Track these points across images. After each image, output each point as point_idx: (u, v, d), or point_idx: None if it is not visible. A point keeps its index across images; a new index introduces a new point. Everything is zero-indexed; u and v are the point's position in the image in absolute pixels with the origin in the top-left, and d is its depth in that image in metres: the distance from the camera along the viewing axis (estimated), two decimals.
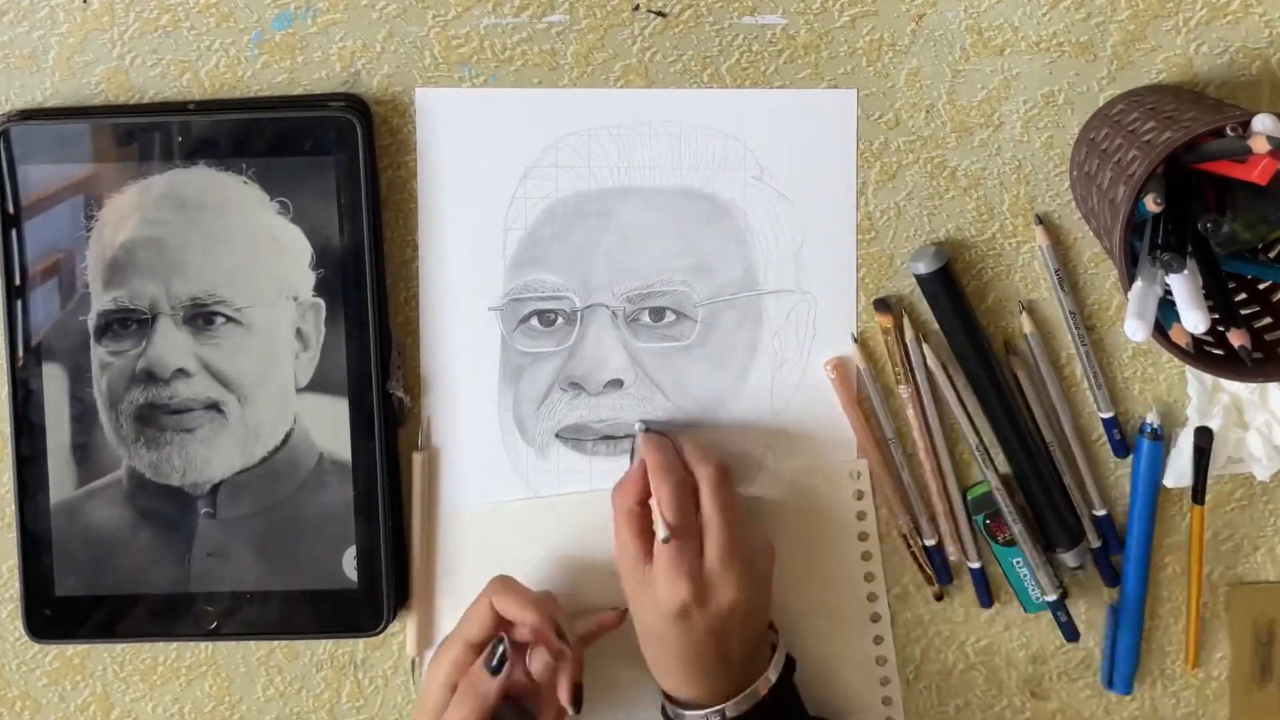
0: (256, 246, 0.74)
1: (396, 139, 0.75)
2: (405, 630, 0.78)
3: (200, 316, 0.75)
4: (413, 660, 0.79)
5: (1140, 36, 0.74)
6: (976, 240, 0.76)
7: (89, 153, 0.74)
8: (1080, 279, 0.76)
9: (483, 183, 0.76)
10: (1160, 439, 0.76)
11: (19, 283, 0.74)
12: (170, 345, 0.75)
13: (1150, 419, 0.76)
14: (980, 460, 0.76)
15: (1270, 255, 0.71)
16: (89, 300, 0.74)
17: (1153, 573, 0.78)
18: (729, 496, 0.71)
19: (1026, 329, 0.76)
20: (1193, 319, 0.62)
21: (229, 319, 0.75)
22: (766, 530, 0.75)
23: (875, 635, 0.78)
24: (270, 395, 0.75)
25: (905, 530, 0.77)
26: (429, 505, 0.77)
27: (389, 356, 0.76)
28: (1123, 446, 0.77)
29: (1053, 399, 0.76)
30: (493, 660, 0.71)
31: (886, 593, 0.78)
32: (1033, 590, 0.77)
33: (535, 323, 0.77)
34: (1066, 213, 0.76)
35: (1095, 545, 0.78)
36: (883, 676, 0.78)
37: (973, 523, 0.77)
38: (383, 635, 0.78)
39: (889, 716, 0.79)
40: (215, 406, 0.75)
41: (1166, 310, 0.64)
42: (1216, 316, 0.66)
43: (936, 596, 0.78)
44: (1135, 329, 0.62)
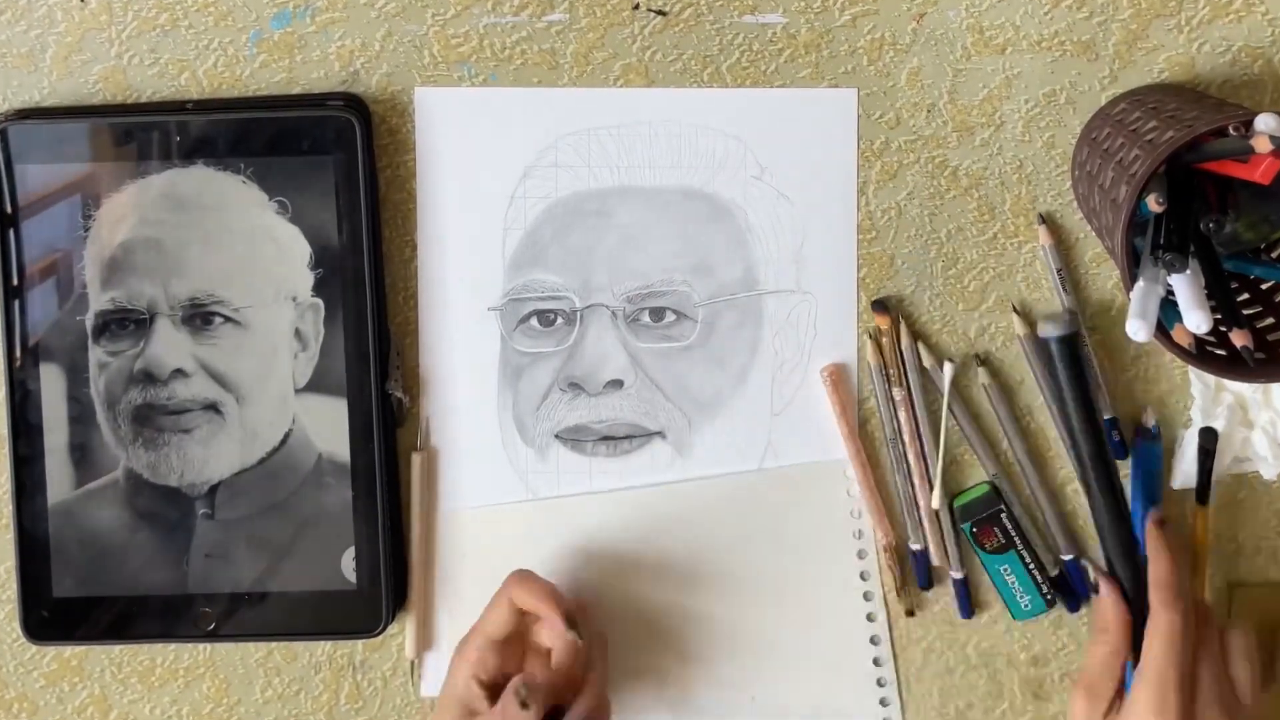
0: (255, 246, 0.74)
1: (395, 138, 0.75)
2: (404, 632, 0.78)
3: (198, 317, 0.74)
4: (412, 662, 0.78)
5: (1142, 35, 0.74)
6: (978, 240, 0.76)
7: (87, 152, 0.73)
8: (1082, 279, 0.76)
9: (482, 182, 0.76)
10: (1158, 440, 0.76)
11: (16, 283, 0.74)
12: (168, 345, 0.74)
13: (1148, 420, 0.76)
14: (988, 463, 0.76)
15: (1273, 255, 0.71)
16: (87, 300, 0.74)
17: None
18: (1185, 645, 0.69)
19: (1019, 330, 0.75)
20: (1195, 319, 0.62)
21: (227, 319, 0.74)
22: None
23: (871, 635, 0.78)
24: (269, 396, 0.75)
25: (885, 541, 0.77)
26: (428, 506, 0.77)
27: (388, 357, 0.76)
28: (1123, 448, 0.77)
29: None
30: (521, 694, 0.68)
31: (882, 593, 0.78)
32: (1021, 598, 0.77)
33: (535, 323, 0.76)
34: (1068, 212, 0.75)
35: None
36: (879, 677, 0.78)
37: (958, 530, 0.77)
38: (382, 637, 0.77)
39: (886, 717, 0.78)
40: (213, 407, 0.75)
41: (1169, 310, 0.64)
42: (1219, 317, 0.66)
43: (908, 612, 0.78)
44: (1137, 329, 0.62)
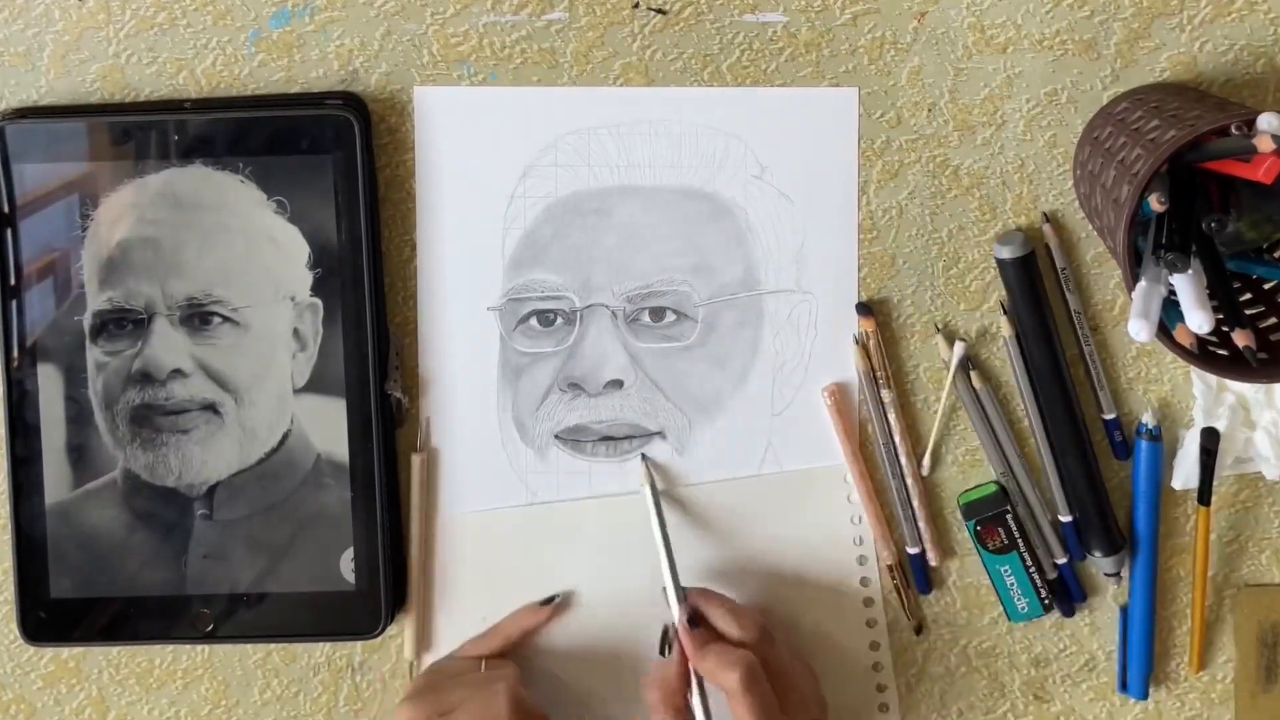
0: (253, 246, 0.74)
1: (394, 138, 0.75)
2: (403, 633, 0.78)
3: (197, 316, 0.74)
4: (411, 663, 0.78)
5: (1144, 34, 0.74)
6: (979, 240, 0.75)
7: (84, 151, 0.73)
8: (1083, 279, 0.76)
9: (481, 182, 0.75)
10: (1158, 440, 0.75)
11: (14, 282, 0.74)
12: (166, 345, 0.74)
13: (1147, 420, 0.75)
14: (995, 462, 0.76)
15: (1275, 255, 0.70)
16: (84, 300, 0.74)
17: (1158, 575, 0.77)
18: (759, 695, 0.68)
19: (1006, 331, 0.75)
20: (1197, 319, 0.62)
21: (226, 319, 0.74)
22: (810, 671, 0.73)
23: (871, 641, 0.78)
24: (267, 396, 0.75)
25: (891, 560, 0.77)
26: (427, 507, 0.77)
27: (387, 357, 0.76)
28: (1124, 448, 0.76)
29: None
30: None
31: (883, 598, 0.77)
32: (1018, 601, 0.77)
33: (534, 323, 0.76)
34: (1070, 212, 0.75)
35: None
36: (879, 683, 0.78)
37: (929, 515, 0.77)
38: (381, 638, 0.77)
39: None
40: (212, 407, 0.75)
41: (1170, 310, 0.64)
42: (1221, 317, 0.65)
43: (916, 630, 0.78)
44: (1139, 329, 0.62)
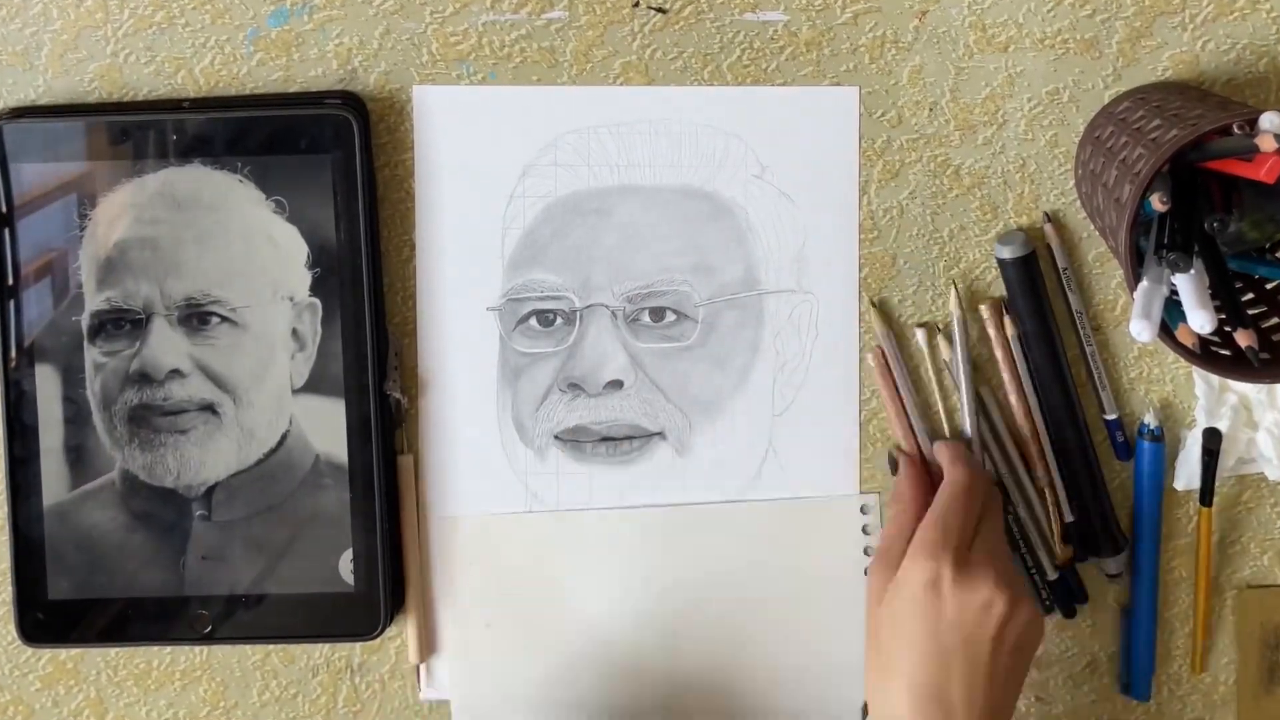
0: (252, 246, 0.74)
1: (394, 137, 0.75)
2: (402, 634, 0.77)
3: (195, 317, 0.74)
4: (417, 668, 0.78)
5: (1146, 33, 0.73)
6: (980, 240, 0.75)
7: (82, 151, 0.73)
8: (1085, 278, 0.75)
9: (481, 181, 0.75)
10: (1160, 440, 0.75)
11: (11, 282, 0.74)
12: (165, 346, 0.74)
13: (1148, 420, 0.75)
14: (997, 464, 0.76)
15: (1277, 254, 0.70)
16: (82, 300, 0.74)
17: (1160, 576, 0.77)
18: (979, 485, 0.72)
19: (1009, 330, 0.75)
20: (1199, 319, 0.62)
21: (224, 319, 0.74)
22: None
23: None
24: (266, 396, 0.74)
25: None
26: (419, 508, 0.77)
27: (386, 357, 0.75)
28: (1126, 449, 0.76)
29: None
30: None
31: None
32: None
33: (534, 323, 0.76)
34: (1071, 211, 0.75)
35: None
36: None
37: None
38: (380, 639, 0.77)
39: None
40: (210, 408, 0.74)
41: (1172, 310, 0.64)
42: (1223, 317, 0.65)
43: None
44: (1141, 329, 0.62)
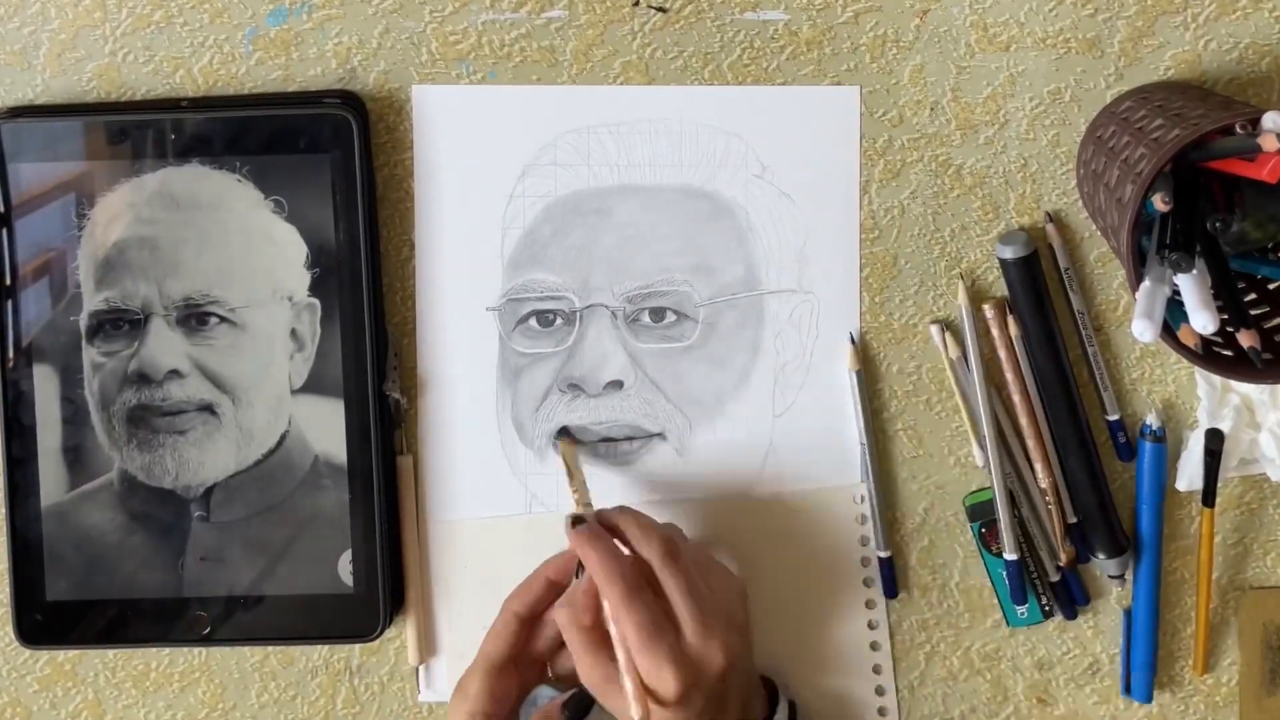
0: (251, 246, 0.73)
1: (393, 136, 0.75)
2: (401, 636, 0.77)
3: (193, 317, 0.74)
4: (416, 669, 0.78)
5: (1148, 32, 0.73)
6: (982, 240, 0.75)
7: (80, 150, 0.73)
8: (1087, 278, 0.75)
9: (480, 181, 0.75)
10: (1162, 441, 0.75)
11: (9, 282, 0.74)
12: (163, 346, 0.74)
13: (1150, 420, 0.75)
14: (995, 465, 0.76)
15: None
16: (80, 300, 0.74)
17: (1162, 577, 0.77)
18: (683, 568, 0.68)
19: (1013, 331, 0.75)
20: (1201, 319, 0.62)
21: (223, 319, 0.74)
22: (730, 571, 0.73)
23: (875, 665, 0.78)
24: (265, 397, 0.74)
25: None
26: (420, 509, 0.76)
27: (385, 357, 0.75)
28: (1128, 449, 0.76)
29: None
30: (572, 710, 0.69)
31: (885, 601, 0.77)
32: (1018, 606, 0.76)
33: (534, 323, 0.76)
34: (1073, 211, 0.75)
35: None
36: (878, 685, 0.78)
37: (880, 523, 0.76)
38: (379, 641, 0.77)
39: None
40: (209, 408, 0.74)
41: (1175, 310, 0.64)
42: (1226, 317, 0.65)
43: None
44: (1143, 330, 0.62)
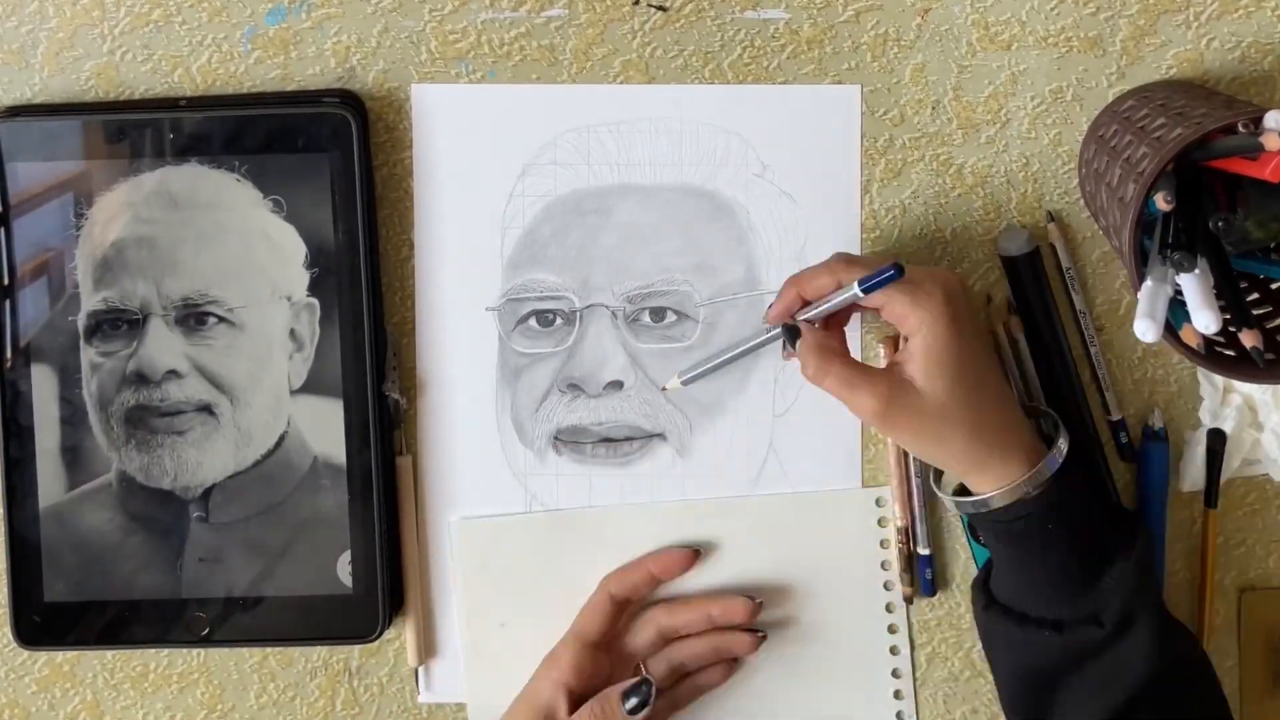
0: (249, 245, 0.73)
1: (392, 136, 0.74)
2: (401, 637, 0.77)
3: (192, 317, 0.74)
4: (415, 670, 0.77)
5: (1150, 31, 0.73)
6: (983, 239, 0.75)
7: (79, 150, 0.73)
8: (1089, 278, 0.75)
9: (480, 180, 0.75)
10: (1164, 441, 0.75)
11: (7, 282, 0.73)
12: (161, 346, 0.73)
13: (1153, 421, 0.75)
14: None
15: None
16: (78, 300, 0.73)
17: (1164, 578, 0.77)
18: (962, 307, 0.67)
19: (1014, 329, 0.75)
20: (1204, 319, 0.61)
21: (221, 319, 0.74)
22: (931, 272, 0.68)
23: (895, 689, 0.77)
24: (263, 397, 0.74)
25: (902, 517, 0.76)
26: (419, 510, 0.76)
27: (384, 358, 0.75)
28: (1131, 449, 0.76)
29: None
30: (634, 699, 0.70)
31: (905, 610, 0.77)
32: None
33: (533, 323, 0.75)
34: (1075, 211, 0.74)
35: None
36: (897, 689, 0.78)
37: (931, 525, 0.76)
38: (378, 642, 0.76)
39: None
40: (207, 409, 0.74)
41: (1177, 310, 0.64)
42: (1228, 317, 0.65)
43: (907, 599, 0.77)
44: (1145, 329, 0.62)
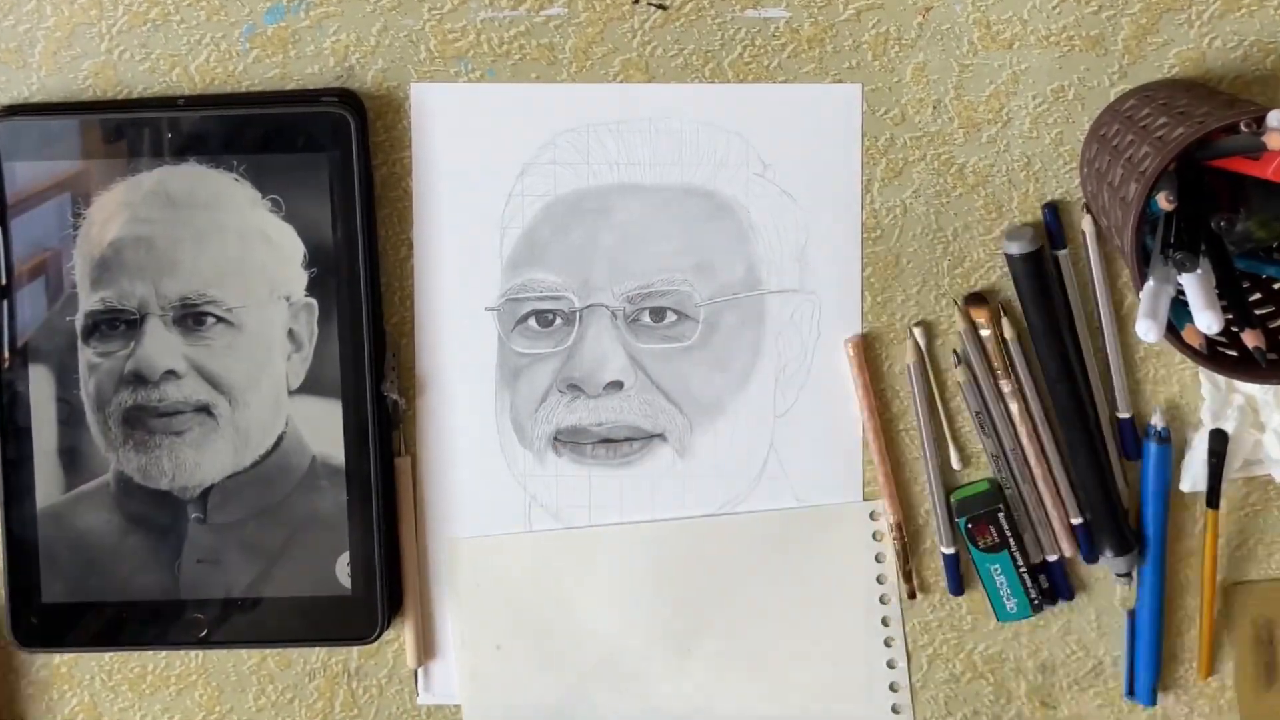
0: (248, 245, 0.73)
1: (391, 135, 0.74)
2: (400, 638, 0.77)
3: (190, 317, 0.73)
4: (414, 672, 0.77)
5: (1152, 30, 0.73)
6: (984, 239, 0.75)
7: (76, 149, 0.72)
8: (1090, 278, 0.75)
9: (479, 180, 0.74)
10: (1167, 441, 0.75)
11: (5, 282, 0.73)
12: (159, 346, 0.73)
13: (1155, 421, 0.75)
14: (998, 458, 0.75)
15: None
16: (76, 300, 0.73)
17: (1166, 579, 0.76)
18: None
19: (1007, 333, 0.74)
20: (1206, 319, 0.61)
21: (220, 319, 0.73)
22: None
23: (888, 650, 0.77)
24: (262, 397, 0.74)
25: (895, 520, 0.76)
26: (418, 511, 0.76)
27: (383, 358, 0.75)
28: (1135, 447, 0.76)
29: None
30: None
31: (901, 614, 0.77)
32: (1007, 601, 0.76)
33: (533, 323, 0.75)
34: (1077, 211, 0.74)
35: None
36: (895, 704, 0.77)
37: (954, 525, 0.76)
38: (377, 643, 0.76)
39: None
40: (205, 409, 0.74)
41: (1179, 310, 0.64)
42: (1230, 317, 0.65)
43: (910, 594, 0.77)
44: (1147, 329, 0.62)
